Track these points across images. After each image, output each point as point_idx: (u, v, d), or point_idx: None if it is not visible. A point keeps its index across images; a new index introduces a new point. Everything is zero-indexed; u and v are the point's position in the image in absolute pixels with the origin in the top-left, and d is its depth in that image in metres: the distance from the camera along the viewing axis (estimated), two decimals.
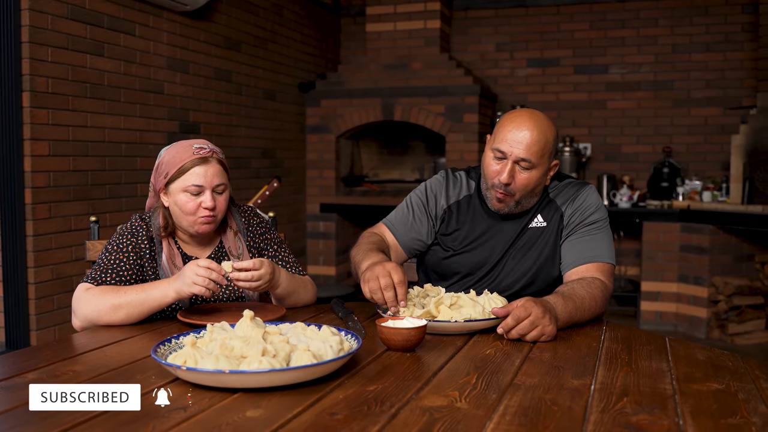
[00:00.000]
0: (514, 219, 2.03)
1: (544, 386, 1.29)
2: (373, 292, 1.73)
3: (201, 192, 1.84)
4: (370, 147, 6.32)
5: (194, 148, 1.85)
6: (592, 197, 2.03)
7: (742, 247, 5.00)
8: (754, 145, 4.74)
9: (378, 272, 1.74)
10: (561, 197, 2.04)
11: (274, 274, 1.83)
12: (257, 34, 5.03)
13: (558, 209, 2.02)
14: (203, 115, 4.44)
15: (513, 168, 1.90)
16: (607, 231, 2.01)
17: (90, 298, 1.75)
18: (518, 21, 5.98)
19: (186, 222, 1.87)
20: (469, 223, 2.07)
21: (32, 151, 3.20)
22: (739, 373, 1.39)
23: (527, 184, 1.92)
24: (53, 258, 3.33)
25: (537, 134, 1.88)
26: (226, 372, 1.21)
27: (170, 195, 1.87)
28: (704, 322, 4.94)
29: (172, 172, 1.84)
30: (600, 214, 2.01)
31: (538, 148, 1.88)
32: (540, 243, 2.01)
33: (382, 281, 1.72)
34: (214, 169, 1.86)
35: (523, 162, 1.89)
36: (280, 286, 1.89)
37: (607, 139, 5.82)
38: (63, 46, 3.34)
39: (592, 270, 1.93)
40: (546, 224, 2.02)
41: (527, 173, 1.91)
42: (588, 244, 1.96)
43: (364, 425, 1.09)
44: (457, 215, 2.09)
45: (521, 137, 1.88)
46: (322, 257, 5.84)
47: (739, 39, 5.46)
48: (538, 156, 1.89)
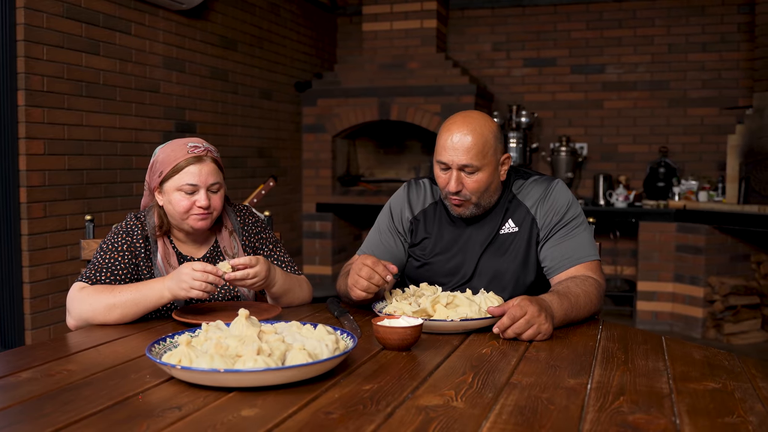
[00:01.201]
0: (483, 223, 2.01)
1: (541, 385, 1.29)
2: (365, 289, 1.76)
3: (195, 191, 1.83)
4: (367, 146, 6.31)
5: (189, 146, 1.85)
6: (562, 194, 1.99)
7: (738, 247, 5.00)
8: (750, 145, 4.75)
9: (355, 270, 1.78)
10: (529, 198, 2.00)
11: (270, 272, 1.83)
12: (253, 33, 5.02)
13: (528, 212, 1.99)
14: (199, 115, 4.43)
15: (459, 175, 1.90)
16: (585, 226, 1.98)
17: (85, 298, 1.74)
18: (515, 20, 5.98)
19: (180, 220, 1.86)
20: (437, 230, 2.05)
21: (27, 149, 3.19)
22: (736, 372, 1.39)
23: (479, 187, 1.91)
24: (48, 257, 3.31)
25: (473, 137, 1.86)
26: (221, 371, 1.21)
27: (165, 194, 1.86)
28: (700, 322, 4.94)
29: (167, 171, 1.83)
30: (574, 210, 1.97)
31: (478, 150, 1.87)
32: (513, 248, 1.98)
33: (363, 274, 1.75)
34: (209, 167, 1.85)
35: (467, 168, 1.88)
36: (276, 284, 1.89)
37: (604, 138, 5.83)
38: (58, 45, 3.33)
39: (581, 270, 1.91)
40: (518, 229, 1.99)
41: (475, 176, 1.89)
42: (570, 244, 1.93)
43: (359, 424, 1.09)
44: (424, 224, 2.08)
45: (458, 144, 1.87)
46: (318, 257, 5.83)
47: (735, 39, 5.47)
48: (480, 158, 1.87)
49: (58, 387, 1.27)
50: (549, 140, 5.86)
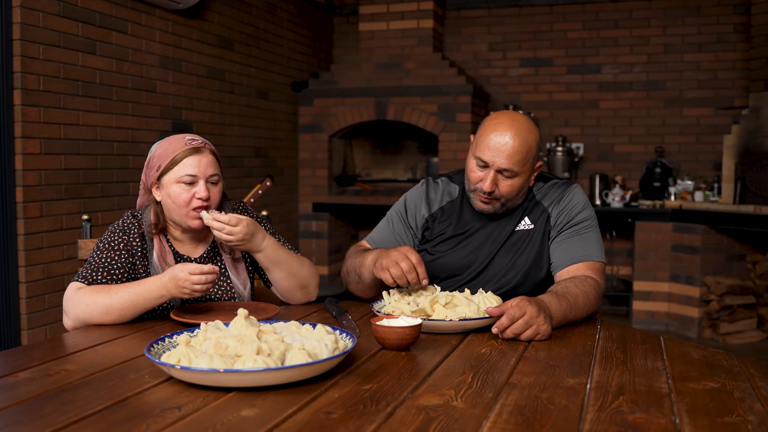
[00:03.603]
0: (500, 221, 2.03)
1: (540, 385, 1.29)
2: (397, 278, 1.75)
3: (195, 182, 1.83)
4: (363, 146, 6.31)
5: (186, 139, 1.85)
6: (578, 196, 2.02)
7: (734, 246, 5.02)
8: (745, 145, 4.76)
9: (396, 257, 1.77)
10: (547, 198, 2.03)
11: (254, 237, 1.84)
12: (250, 32, 5.01)
13: (545, 211, 2.01)
14: (196, 114, 4.42)
15: (495, 177, 1.90)
16: (595, 229, 2.00)
17: (81, 298, 1.73)
18: (511, 20, 5.98)
19: (178, 215, 1.85)
20: (455, 225, 2.06)
21: (23, 149, 3.18)
22: (734, 371, 1.39)
23: (511, 191, 1.92)
24: (44, 257, 3.30)
25: (519, 143, 1.86)
26: (221, 371, 1.21)
27: (163, 188, 1.85)
28: (696, 322, 4.96)
29: (165, 164, 1.83)
30: (587, 212, 2.00)
31: (521, 157, 1.87)
32: (527, 245, 2.00)
33: (403, 265, 1.75)
34: (208, 159, 1.85)
35: (506, 171, 1.88)
36: (264, 251, 1.88)
37: (600, 138, 5.84)
38: (54, 44, 3.32)
39: (583, 269, 1.92)
40: (533, 226, 2.01)
41: (510, 181, 1.90)
42: (577, 243, 1.96)
43: (360, 424, 1.09)
44: (441, 220, 2.09)
45: (503, 147, 1.86)
46: (315, 257, 5.82)
47: (731, 39, 5.48)
48: (520, 164, 1.88)
49: (56, 387, 1.26)
50: (545, 140, 5.86)
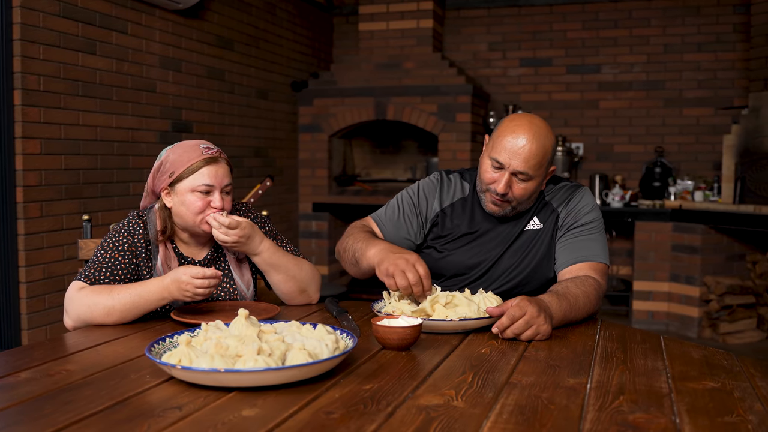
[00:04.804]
0: (510, 221, 2.03)
1: (540, 385, 1.29)
2: (403, 288, 1.73)
3: (210, 191, 1.83)
4: (363, 146, 6.31)
5: (202, 147, 1.85)
6: (587, 199, 2.04)
7: (734, 246, 5.02)
8: (745, 145, 4.77)
9: (402, 266, 1.74)
10: (557, 199, 2.04)
11: (252, 240, 1.84)
12: (250, 32, 5.02)
13: (554, 211, 2.02)
14: (196, 114, 4.42)
15: (510, 179, 1.89)
16: (601, 232, 2.02)
17: (83, 299, 1.73)
18: (511, 20, 5.98)
19: (191, 222, 1.84)
20: (465, 224, 2.06)
21: (24, 149, 3.18)
22: (734, 371, 1.40)
23: (524, 194, 1.92)
24: (45, 257, 3.31)
25: (536, 146, 1.86)
26: (222, 371, 1.21)
27: (176, 194, 1.84)
28: (696, 322, 4.96)
29: (180, 171, 1.82)
30: (594, 215, 2.01)
31: (537, 161, 1.87)
32: (536, 245, 2.01)
33: (410, 276, 1.72)
34: (224, 169, 1.86)
35: (521, 174, 1.88)
36: (260, 254, 1.88)
37: (599, 138, 5.84)
38: (55, 44, 3.32)
39: (585, 269, 1.93)
40: (542, 226, 2.02)
41: (524, 184, 1.90)
42: (581, 244, 1.97)
43: (360, 424, 1.09)
44: (451, 217, 2.08)
45: (520, 149, 1.86)
46: (315, 257, 5.83)
47: (731, 39, 5.48)
48: (536, 168, 1.88)
49: (57, 387, 1.26)
50: None
